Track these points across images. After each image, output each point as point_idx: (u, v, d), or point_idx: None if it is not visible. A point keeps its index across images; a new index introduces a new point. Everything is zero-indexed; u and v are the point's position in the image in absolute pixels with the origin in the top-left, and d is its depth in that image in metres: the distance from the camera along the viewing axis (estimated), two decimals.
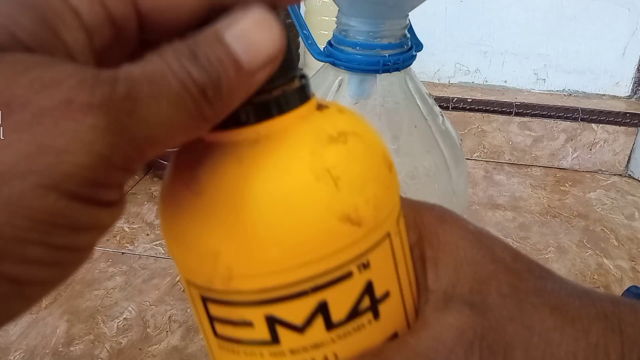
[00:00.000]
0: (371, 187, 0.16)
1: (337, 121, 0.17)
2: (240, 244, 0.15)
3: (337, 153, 0.16)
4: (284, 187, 0.15)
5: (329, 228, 0.15)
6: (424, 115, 0.35)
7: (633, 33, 0.85)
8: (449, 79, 0.94)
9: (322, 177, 0.15)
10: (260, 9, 0.14)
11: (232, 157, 0.15)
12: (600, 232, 0.73)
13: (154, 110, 0.12)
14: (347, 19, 0.32)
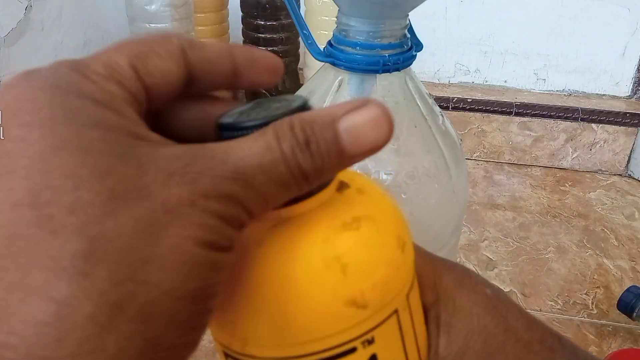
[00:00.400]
0: (379, 272, 0.17)
1: (354, 205, 0.18)
2: (253, 319, 0.17)
3: (348, 240, 0.17)
4: (295, 273, 0.16)
5: (335, 312, 0.17)
6: (424, 115, 0.35)
7: (633, 33, 0.85)
8: (449, 79, 0.94)
9: (331, 264, 0.16)
10: (378, 106, 0.16)
11: (252, 239, 0.17)
12: (600, 232, 0.73)
13: (265, 192, 0.15)
14: (347, 19, 0.32)
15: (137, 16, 0.70)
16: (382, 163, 0.34)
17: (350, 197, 0.18)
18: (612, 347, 0.54)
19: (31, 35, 0.69)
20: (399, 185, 0.34)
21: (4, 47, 0.65)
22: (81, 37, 0.79)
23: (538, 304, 0.60)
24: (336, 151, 0.15)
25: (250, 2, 0.73)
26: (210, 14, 0.78)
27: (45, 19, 0.71)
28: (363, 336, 0.17)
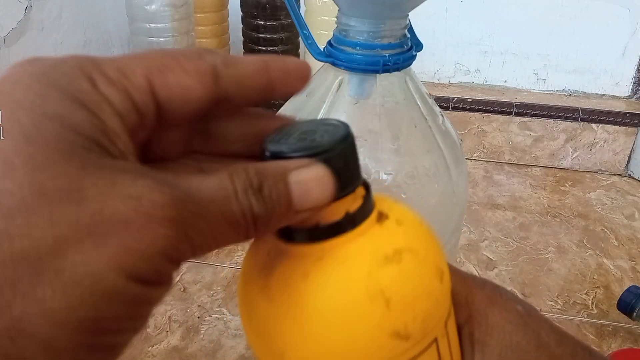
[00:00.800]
0: (421, 303, 0.18)
1: (394, 236, 0.18)
2: (301, 351, 0.18)
3: (392, 274, 0.17)
4: (341, 306, 0.17)
5: (379, 344, 0.17)
6: (424, 115, 0.35)
7: (633, 33, 0.85)
8: (449, 79, 0.94)
9: (376, 299, 0.17)
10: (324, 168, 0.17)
11: (299, 271, 0.18)
12: (600, 232, 0.73)
13: (213, 227, 0.15)
14: (347, 19, 0.32)
15: (137, 16, 0.70)
16: (382, 163, 0.34)
17: (390, 229, 0.18)
18: (612, 347, 0.54)
19: (31, 35, 0.69)
20: (399, 185, 0.34)
21: (4, 47, 0.65)
22: (81, 37, 0.79)
23: (538, 304, 0.60)
24: (285, 202, 0.16)
25: (250, 2, 0.73)
26: (210, 14, 0.78)
27: (45, 19, 0.71)
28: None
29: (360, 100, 0.34)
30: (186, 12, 0.71)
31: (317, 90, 0.36)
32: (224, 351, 0.51)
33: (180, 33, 0.71)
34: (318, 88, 0.35)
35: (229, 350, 0.52)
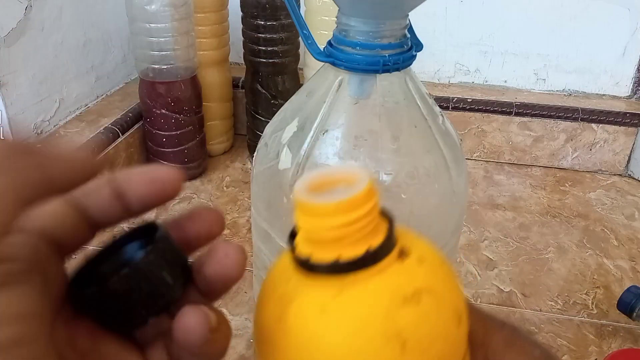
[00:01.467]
0: (436, 347, 0.17)
1: (414, 276, 0.18)
2: None
3: (409, 316, 0.17)
4: (357, 346, 0.17)
5: None
6: (424, 115, 0.35)
7: (633, 33, 0.85)
8: (449, 79, 0.94)
9: (392, 340, 0.17)
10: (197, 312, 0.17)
11: (317, 305, 0.18)
12: (600, 232, 0.73)
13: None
14: (347, 19, 0.32)
15: (137, 16, 0.70)
16: (382, 163, 0.34)
17: (411, 268, 0.18)
18: (612, 347, 0.54)
19: (31, 35, 0.69)
20: (399, 185, 0.34)
21: (4, 47, 0.65)
22: (81, 37, 0.79)
23: (538, 304, 0.60)
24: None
25: (250, 2, 0.73)
26: (210, 14, 0.78)
27: (45, 19, 0.71)
28: None
29: (360, 100, 0.34)
30: (186, 12, 0.71)
31: (317, 90, 0.36)
32: None
33: (180, 33, 0.71)
34: (318, 88, 0.35)
35: (229, 350, 0.52)
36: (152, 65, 0.73)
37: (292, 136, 0.36)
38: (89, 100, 0.82)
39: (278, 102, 0.80)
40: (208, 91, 0.82)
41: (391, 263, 0.18)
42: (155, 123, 0.76)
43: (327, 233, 0.17)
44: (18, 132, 0.68)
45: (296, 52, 0.79)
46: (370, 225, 0.17)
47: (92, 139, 0.72)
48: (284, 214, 0.36)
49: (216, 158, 0.88)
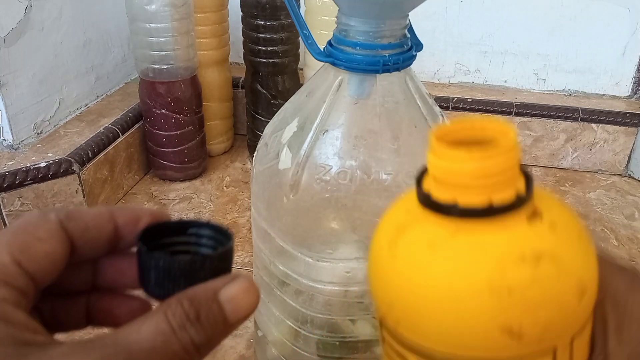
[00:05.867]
0: (545, 312, 0.17)
1: (540, 239, 0.17)
2: (409, 312, 0.18)
3: (521, 275, 0.16)
4: (459, 287, 0.17)
5: (488, 334, 0.17)
6: (424, 115, 0.35)
7: (633, 33, 0.85)
8: (449, 79, 0.94)
9: (496, 290, 0.16)
10: (247, 278, 0.18)
11: (428, 239, 0.17)
12: (600, 232, 0.73)
13: None
14: (347, 19, 0.32)
15: (137, 16, 0.70)
16: (382, 163, 0.34)
17: (539, 231, 0.17)
18: None
19: (31, 35, 0.69)
20: (399, 186, 0.34)
21: (4, 47, 0.65)
22: (81, 37, 0.79)
23: None
24: (222, 321, 0.17)
25: (250, 2, 0.73)
26: (210, 14, 0.78)
27: (45, 19, 0.71)
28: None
29: (360, 100, 0.34)
30: (186, 12, 0.71)
31: (317, 90, 0.36)
32: (224, 351, 0.51)
33: (180, 33, 0.71)
34: (318, 88, 0.35)
35: (229, 350, 0.52)
36: (152, 65, 0.73)
37: (292, 136, 0.36)
38: (89, 100, 0.82)
39: (278, 102, 0.80)
40: (208, 91, 0.82)
41: (518, 222, 0.17)
42: (155, 123, 0.76)
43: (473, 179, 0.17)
44: (18, 131, 0.68)
45: (296, 52, 0.79)
46: (503, 177, 0.17)
47: (92, 139, 0.72)
48: (284, 214, 0.36)
49: (216, 158, 0.88)
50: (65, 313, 0.19)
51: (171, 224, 0.21)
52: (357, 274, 0.36)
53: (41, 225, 0.17)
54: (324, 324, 0.38)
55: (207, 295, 0.17)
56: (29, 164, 0.65)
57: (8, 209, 0.63)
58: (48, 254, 0.17)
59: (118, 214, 0.20)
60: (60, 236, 0.18)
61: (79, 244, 0.19)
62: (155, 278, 0.19)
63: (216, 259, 0.19)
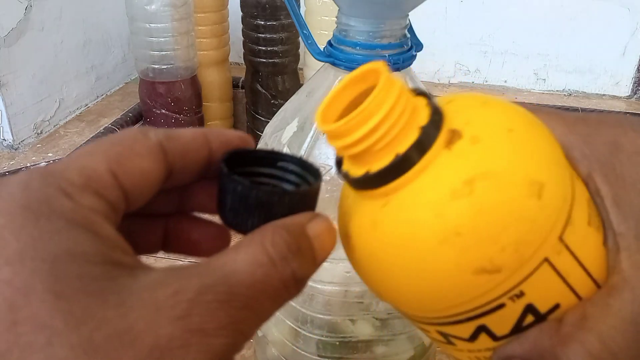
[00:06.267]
0: (506, 233, 0.15)
1: (465, 162, 0.16)
2: (392, 293, 0.17)
3: (461, 210, 0.15)
4: (413, 255, 0.16)
5: (465, 282, 0.16)
6: None
7: (633, 33, 0.85)
8: (449, 79, 0.94)
9: (447, 240, 0.15)
10: (328, 217, 0.17)
11: (368, 220, 0.17)
12: None
13: (260, 312, 0.14)
14: (347, 19, 0.32)
15: (137, 16, 0.70)
16: None
17: (462, 152, 0.16)
18: None
19: (31, 35, 0.69)
20: None
21: (4, 47, 0.65)
22: (81, 37, 0.79)
23: None
24: (312, 257, 0.16)
25: (250, 2, 0.73)
26: (210, 14, 0.78)
27: (45, 19, 0.71)
28: (509, 293, 0.16)
29: None
30: (186, 12, 0.71)
31: (317, 90, 0.36)
32: None
33: (180, 33, 0.71)
34: (318, 88, 0.35)
35: None
36: (152, 65, 0.73)
37: (292, 136, 0.36)
38: (89, 100, 0.82)
39: (278, 102, 0.80)
40: (208, 91, 0.82)
41: (437, 154, 0.16)
42: (155, 123, 0.76)
43: (348, 151, 0.16)
44: (18, 131, 0.68)
45: (296, 52, 0.79)
46: (395, 128, 0.16)
47: (92, 139, 0.72)
48: None
49: None
50: (143, 235, 0.18)
51: (261, 152, 0.20)
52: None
53: (140, 140, 0.16)
54: (324, 324, 0.38)
55: (298, 228, 0.16)
56: (29, 164, 0.65)
57: None
58: (145, 172, 0.16)
59: (212, 137, 0.18)
60: (158, 156, 0.16)
61: (176, 167, 0.17)
62: (231, 203, 0.17)
63: (297, 197, 0.17)
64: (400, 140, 0.16)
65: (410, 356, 0.40)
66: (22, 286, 0.12)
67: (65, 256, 0.13)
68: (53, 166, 0.15)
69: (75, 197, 0.14)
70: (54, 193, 0.14)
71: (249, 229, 0.17)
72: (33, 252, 0.12)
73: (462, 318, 0.17)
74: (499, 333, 0.17)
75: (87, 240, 0.13)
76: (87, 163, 0.15)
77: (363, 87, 0.17)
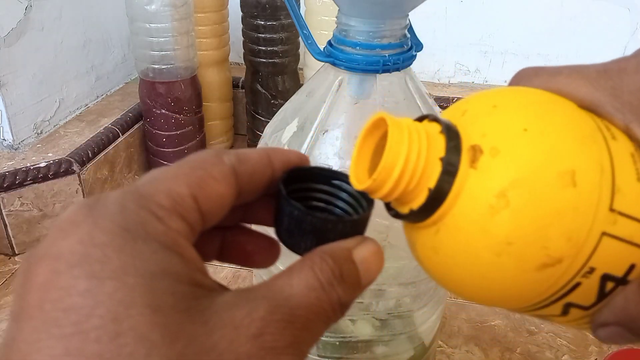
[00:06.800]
0: (555, 228, 0.16)
1: (493, 177, 0.16)
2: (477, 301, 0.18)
3: (504, 223, 0.16)
4: (476, 270, 0.17)
5: (531, 280, 0.16)
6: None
7: (633, 33, 0.85)
8: (449, 79, 0.94)
9: (501, 252, 0.16)
10: (375, 241, 0.18)
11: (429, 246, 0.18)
12: None
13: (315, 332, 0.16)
14: (347, 19, 0.32)
15: (137, 16, 0.70)
16: None
17: (486, 168, 0.16)
18: (612, 347, 0.54)
19: (31, 35, 0.69)
20: None
21: (4, 47, 0.65)
22: (81, 37, 0.79)
23: None
24: (357, 282, 0.17)
25: (250, 2, 0.73)
26: (210, 14, 0.78)
27: (45, 19, 0.71)
28: (579, 273, 0.16)
29: (360, 100, 0.34)
30: (186, 12, 0.71)
31: (317, 90, 0.36)
32: None
33: (180, 33, 0.71)
34: (318, 88, 0.35)
35: None
36: (152, 65, 0.73)
37: (292, 136, 0.36)
38: (89, 100, 0.82)
39: (278, 102, 0.80)
40: (208, 91, 0.82)
41: (465, 176, 0.16)
42: (155, 123, 0.76)
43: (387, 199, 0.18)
44: (18, 131, 0.68)
45: (296, 52, 0.79)
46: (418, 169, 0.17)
47: (92, 139, 0.72)
48: None
49: None
50: (202, 245, 0.19)
51: (316, 170, 0.21)
52: None
53: (217, 165, 0.17)
54: None
55: (344, 254, 0.17)
56: (29, 164, 0.65)
57: (8, 209, 0.63)
58: (220, 195, 0.17)
59: (274, 158, 0.19)
60: (231, 181, 0.17)
61: (245, 188, 0.18)
62: (287, 224, 0.19)
63: (349, 224, 0.19)
64: (427, 176, 0.17)
65: (410, 356, 0.40)
66: (123, 300, 0.13)
67: (160, 275, 0.14)
68: (143, 188, 0.16)
69: (164, 220, 0.15)
70: (147, 216, 0.15)
71: (302, 251, 0.19)
72: (133, 269, 0.14)
73: (546, 303, 0.17)
74: (587, 304, 0.17)
75: (176, 261, 0.15)
76: (172, 187, 0.16)
77: (379, 134, 0.18)
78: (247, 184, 0.18)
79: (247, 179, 0.18)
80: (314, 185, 0.21)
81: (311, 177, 0.21)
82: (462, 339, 0.55)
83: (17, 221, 0.64)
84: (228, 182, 0.17)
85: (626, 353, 0.50)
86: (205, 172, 0.17)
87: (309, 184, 0.21)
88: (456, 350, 0.53)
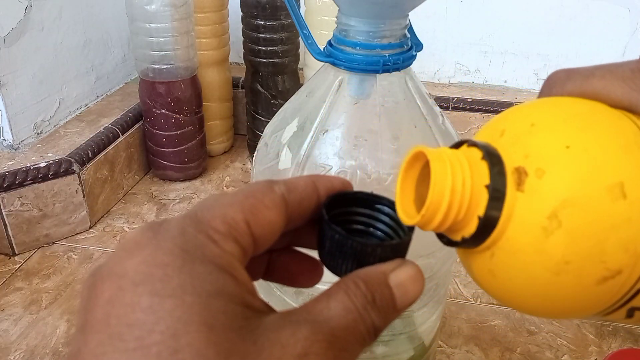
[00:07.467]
0: (610, 241, 0.16)
1: (542, 199, 0.16)
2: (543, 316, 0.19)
3: (559, 243, 0.16)
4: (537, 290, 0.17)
5: (593, 294, 0.16)
6: (424, 115, 0.35)
7: (633, 33, 0.85)
8: (449, 79, 0.94)
9: (560, 271, 0.16)
10: (415, 265, 0.19)
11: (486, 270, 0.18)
12: None
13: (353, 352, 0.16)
14: (347, 19, 0.32)
15: (137, 16, 0.70)
16: (382, 163, 0.34)
17: (534, 190, 0.16)
18: (612, 347, 0.54)
19: (31, 35, 0.69)
20: None
21: (4, 47, 0.65)
22: (81, 37, 0.79)
23: None
24: (392, 305, 0.18)
25: (250, 2, 0.73)
26: (210, 14, 0.78)
27: (45, 19, 0.71)
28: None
29: (360, 100, 0.34)
30: (186, 12, 0.71)
31: (317, 90, 0.36)
32: None
33: (180, 33, 0.71)
34: (318, 88, 0.35)
35: None
36: (152, 65, 0.73)
37: (292, 136, 0.36)
38: (89, 100, 0.82)
39: (278, 102, 0.80)
40: (208, 91, 0.82)
41: (513, 200, 0.16)
42: (155, 123, 0.76)
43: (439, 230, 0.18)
44: (18, 131, 0.68)
45: (296, 52, 0.79)
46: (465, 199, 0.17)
47: (92, 139, 0.72)
48: None
49: (216, 158, 0.88)
50: (250, 266, 0.20)
51: (359, 194, 0.21)
52: None
53: (268, 194, 0.18)
54: None
55: (379, 278, 0.18)
56: (29, 164, 0.65)
57: (8, 209, 0.63)
58: (271, 222, 0.18)
59: (319, 184, 0.20)
60: (282, 209, 0.18)
61: (294, 215, 0.19)
62: (329, 248, 0.20)
63: (388, 248, 0.19)
64: (475, 204, 0.17)
65: (410, 356, 0.40)
66: (182, 317, 0.14)
67: (215, 294, 0.15)
68: (201, 214, 0.17)
69: (220, 243, 0.16)
70: (204, 240, 0.16)
71: (342, 273, 0.19)
72: (191, 288, 0.15)
73: (610, 310, 0.17)
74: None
75: (230, 283, 0.16)
76: (228, 213, 0.17)
77: (419, 165, 0.19)
78: (295, 211, 0.19)
79: (295, 206, 0.19)
80: (356, 209, 0.22)
81: (354, 201, 0.21)
82: (462, 339, 0.55)
83: (17, 221, 0.64)
84: (279, 209, 0.18)
85: (626, 353, 0.50)
86: (257, 200, 0.18)
87: (351, 208, 0.21)
88: (456, 350, 0.53)
